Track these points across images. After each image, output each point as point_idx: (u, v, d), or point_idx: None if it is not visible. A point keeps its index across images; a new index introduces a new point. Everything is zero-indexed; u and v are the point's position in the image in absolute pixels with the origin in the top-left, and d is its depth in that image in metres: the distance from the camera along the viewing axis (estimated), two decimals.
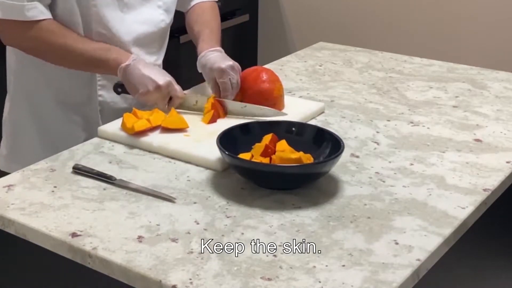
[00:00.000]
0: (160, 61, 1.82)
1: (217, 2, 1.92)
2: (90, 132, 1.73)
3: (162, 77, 1.58)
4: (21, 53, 1.69)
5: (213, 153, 1.39)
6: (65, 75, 1.69)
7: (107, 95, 1.73)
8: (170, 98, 1.61)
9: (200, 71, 1.74)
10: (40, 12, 1.58)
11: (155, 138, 1.50)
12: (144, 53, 1.74)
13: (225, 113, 1.64)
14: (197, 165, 1.42)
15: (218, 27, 1.84)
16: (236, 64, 1.69)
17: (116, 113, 1.72)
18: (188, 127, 1.55)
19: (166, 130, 1.54)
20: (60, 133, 1.75)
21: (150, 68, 1.60)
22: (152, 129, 1.53)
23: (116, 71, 1.60)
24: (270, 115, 1.61)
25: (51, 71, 1.69)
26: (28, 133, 1.77)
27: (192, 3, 1.87)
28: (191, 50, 1.77)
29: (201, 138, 1.50)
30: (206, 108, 1.61)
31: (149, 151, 1.48)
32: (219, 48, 1.74)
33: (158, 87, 1.57)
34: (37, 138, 1.77)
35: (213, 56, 1.70)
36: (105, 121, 1.72)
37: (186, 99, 1.63)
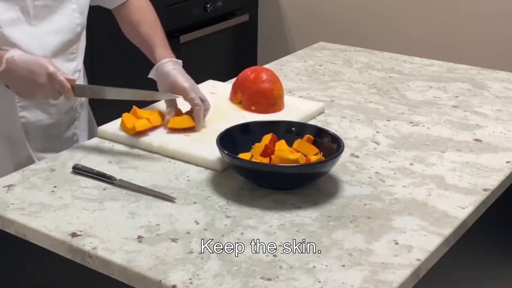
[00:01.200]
0: (80, 65, 1.70)
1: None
2: (18, 154, 1.63)
3: (39, 67, 1.44)
4: None
5: (213, 153, 1.39)
6: None
7: (29, 115, 1.61)
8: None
9: (153, 77, 1.62)
10: None
11: (155, 138, 1.50)
12: (63, 61, 1.61)
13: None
14: (197, 165, 1.42)
15: (161, 27, 1.72)
16: (193, 81, 1.58)
17: (41, 131, 1.64)
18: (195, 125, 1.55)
19: (173, 130, 1.53)
20: None
21: (21, 63, 1.45)
22: (152, 128, 1.53)
23: None
24: (163, 98, 1.57)
25: None
26: None
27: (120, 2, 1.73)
28: (191, 50, 1.77)
29: (201, 138, 1.51)
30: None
31: (149, 151, 1.48)
32: (179, 61, 1.63)
33: (48, 74, 1.44)
34: None
35: (175, 69, 1.59)
36: (32, 142, 1.63)
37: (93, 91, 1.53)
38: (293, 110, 1.67)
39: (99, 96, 1.51)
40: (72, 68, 1.65)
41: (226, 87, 1.77)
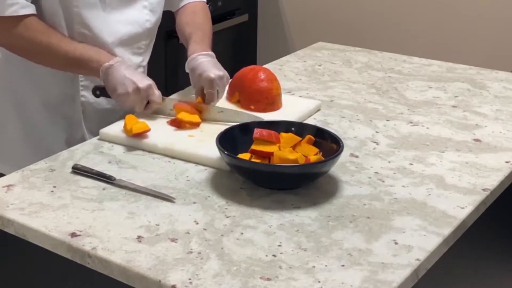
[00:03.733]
0: (145, 62, 1.80)
1: (207, 2, 1.89)
2: (72, 133, 1.72)
3: (142, 80, 1.57)
4: (5, 51, 1.67)
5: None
6: (49, 75, 1.67)
7: (89, 95, 1.70)
8: (148, 103, 1.59)
9: (187, 71, 1.71)
10: (22, 7, 1.55)
11: (160, 140, 1.50)
12: (129, 53, 1.72)
13: (201, 118, 1.60)
14: (204, 165, 1.42)
15: (211, 31, 1.82)
16: (226, 75, 1.67)
17: (99, 114, 1.71)
18: (200, 121, 1.58)
19: (179, 125, 1.55)
20: (43, 132, 1.73)
21: (132, 70, 1.59)
22: (154, 130, 1.53)
23: (97, 72, 1.58)
24: (247, 120, 1.59)
25: (35, 70, 1.67)
26: (12, 131, 1.76)
27: (182, 3, 1.84)
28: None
29: (205, 138, 1.50)
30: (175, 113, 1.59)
31: (154, 153, 1.48)
32: (211, 53, 1.72)
33: (137, 89, 1.55)
34: (21, 136, 1.75)
35: (204, 61, 1.68)
36: (87, 122, 1.71)
37: (163, 105, 1.62)
38: (291, 108, 1.68)
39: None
40: (137, 62, 1.74)
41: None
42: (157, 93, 1.59)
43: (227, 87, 1.73)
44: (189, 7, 1.84)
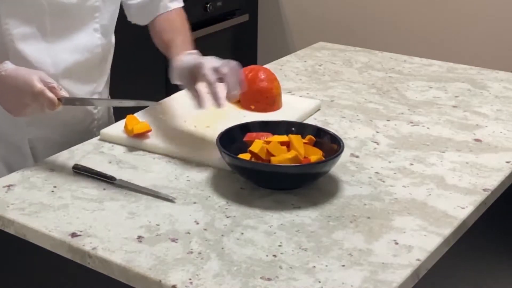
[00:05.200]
0: (101, 88, 1.66)
1: (183, 7, 1.74)
2: (12, 163, 1.59)
3: (22, 83, 1.37)
4: None
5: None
6: None
7: (37, 131, 1.58)
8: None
9: (175, 81, 1.50)
10: None
11: (161, 140, 1.50)
12: (80, 83, 1.58)
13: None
14: (205, 166, 1.42)
15: (190, 33, 1.66)
16: (231, 61, 1.44)
17: (50, 147, 1.57)
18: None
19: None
20: None
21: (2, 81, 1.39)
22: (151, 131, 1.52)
23: None
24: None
25: None
26: None
27: (156, 14, 1.69)
28: None
29: (208, 138, 1.49)
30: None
31: (155, 153, 1.48)
32: (196, 51, 1.54)
33: (35, 93, 1.35)
34: None
35: (191, 57, 1.49)
36: (39, 157, 1.58)
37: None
38: (291, 108, 1.68)
39: (89, 105, 1.50)
40: (87, 90, 1.61)
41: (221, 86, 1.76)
42: (48, 94, 1.36)
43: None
44: (163, 17, 1.69)
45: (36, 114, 1.40)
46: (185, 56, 1.51)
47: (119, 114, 1.68)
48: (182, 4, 1.75)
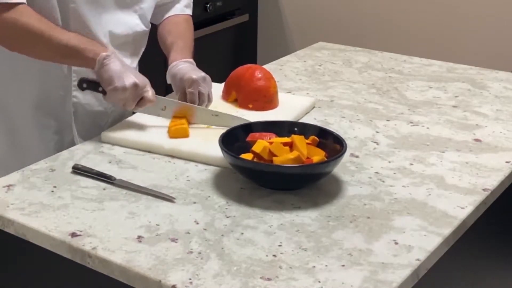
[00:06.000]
0: (135, 64, 1.77)
1: (192, 15, 1.86)
2: (62, 136, 1.68)
3: (140, 76, 1.53)
4: None
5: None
6: (37, 74, 1.63)
7: (81, 96, 1.66)
8: (140, 99, 1.53)
9: (169, 82, 1.69)
10: None
11: (161, 141, 1.49)
12: (121, 55, 1.66)
13: (190, 122, 1.58)
14: (208, 165, 1.42)
15: (192, 40, 1.79)
16: (208, 77, 1.64)
17: (90, 116, 1.68)
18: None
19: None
20: (30, 135, 1.68)
21: (127, 65, 1.57)
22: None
23: (93, 62, 1.51)
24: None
25: (24, 69, 1.62)
26: None
27: (166, 16, 1.81)
28: None
29: (210, 138, 1.49)
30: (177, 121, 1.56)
31: (155, 153, 1.47)
32: (191, 60, 1.70)
33: (135, 84, 1.49)
34: (5, 141, 1.69)
35: (184, 66, 1.66)
36: (78, 125, 1.67)
37: (155, 104, 1.57)
38: (288, 106, 1.69)
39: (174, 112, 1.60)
40: (128, 63, 1.68)
41: (218, 86, 1.77)
42: (151, 91, 1.54)
43: (222, 86, 1.74)
44: (172, 19, 1.81)
45: (124, 98, 1.51)
46: (180, 63, 1.67)
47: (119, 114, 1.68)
48: (191, 13, 1.86)
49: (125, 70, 1.51)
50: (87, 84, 1.58)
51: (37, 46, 1.53)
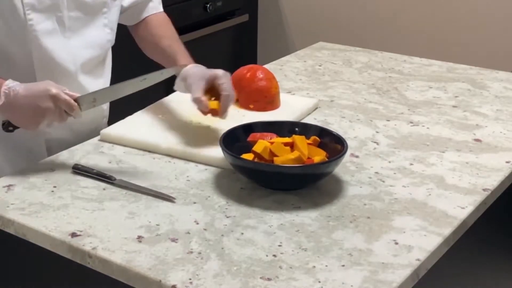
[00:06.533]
0: (108, 83, 1.69)
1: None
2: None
3: (50, 87, 1.37)
4: None
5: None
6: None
7: (53, 132, 1.59)
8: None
9: (178, 85, 1.57)
10: None
11: (162, 140, 1.49)
12: (92, 78, 1.61)
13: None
14: (208, 165, 1.42)
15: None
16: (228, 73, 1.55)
17: (65, 148, 1.54)
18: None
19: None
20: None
21: (27, 86, 1.39)
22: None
23: None
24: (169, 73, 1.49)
25: None
26: None
27: (143, 16, 1.74)
28: (191, 50, 1.76)
29: (211, 139, 1.49)
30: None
31: (155, 153, 1.48)
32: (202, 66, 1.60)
33: (52, 96, 1.36)
34: None
35: (200, 68, 1.56)
36: (51, 151, 1.59)
37: (84, 101, 1.41)
38: (289, 107, 1.69)
39: (109, 99, 1.50)
40: (100, 85, 1.62)
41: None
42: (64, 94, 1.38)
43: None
44: (152, 20, 1.74)
45: (52, 122, 1.40)
46: (193, 67, 1.57)
47: (119, 114, 1.68)
48: (162, 9, 1.80)
49: (32, 92, 1.37)
50: (12, 126, 1.44)
51: None
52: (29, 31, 1.48)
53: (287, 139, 1.37)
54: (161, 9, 1.79)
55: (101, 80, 1.66)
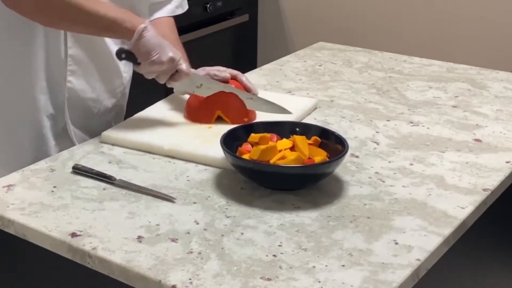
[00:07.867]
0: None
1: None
2: (55, 121, 1.64)
3: (176, 50, 1.53)
4: None
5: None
6: (34, 59, 1.58)
7: (76, 82, 1.64)
8: (175, 73, 1.55)
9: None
10: None
11: (161, 141, 1.49)
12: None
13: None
14: (209, 166, 1.41)
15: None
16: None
17: (83, 103, 1.66)
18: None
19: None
20: (23, 119, 1.63)
21: (163, 39, 1.54)
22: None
23: (129, 33, 1.49)
24: (275, 112, 1.60)
25: (20, 55, 1.58)
26: None
27: (155, 16, 1.80)
28: (191, 50, 1.77)
29: (211, 139, 1.48)
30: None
31: (155, 153, 1.47)
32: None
33: (171, 59, 1.50)
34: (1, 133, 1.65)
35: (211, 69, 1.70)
36: (71, 110, 1.65)
37: (190, 80, 1.58)
38: (290, 108, 1.67)
39: (207, 93, 1.62)
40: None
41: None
42: (185, 64, 1.56)
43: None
44: (160, 22, 1.78)
45: (160, 71, 1.52)
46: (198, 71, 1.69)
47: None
48: (183, 11, 1.88)
49: (162, 43, 1.51)
50: (125, 55, 1.55)
51: (72, 20, 1.51)
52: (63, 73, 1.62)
53: (288, 143, 1.36)
54: (178, 13, 1.85)
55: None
